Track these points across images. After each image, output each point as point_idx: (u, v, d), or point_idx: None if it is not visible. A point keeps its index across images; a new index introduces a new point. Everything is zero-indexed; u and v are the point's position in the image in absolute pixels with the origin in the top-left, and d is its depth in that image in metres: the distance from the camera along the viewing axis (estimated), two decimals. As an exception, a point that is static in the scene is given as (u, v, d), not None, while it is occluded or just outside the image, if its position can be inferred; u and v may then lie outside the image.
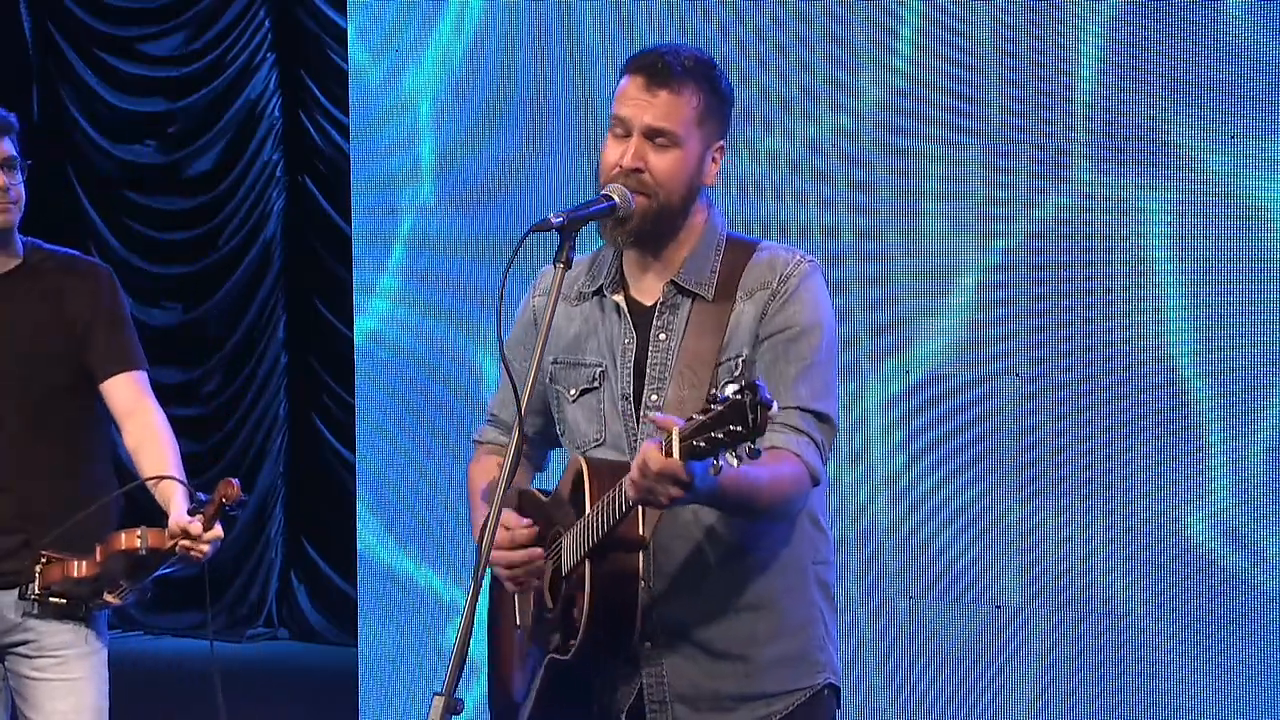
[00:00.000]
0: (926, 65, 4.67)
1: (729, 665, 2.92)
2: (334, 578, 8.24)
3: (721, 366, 2.86)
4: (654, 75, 2.86)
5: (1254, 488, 4.37)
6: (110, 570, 3.64)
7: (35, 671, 3.79)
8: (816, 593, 2.99)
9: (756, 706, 2.94)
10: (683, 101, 2.86)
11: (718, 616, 2.90)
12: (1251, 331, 4.35)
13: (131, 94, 8.57)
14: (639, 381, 2.93)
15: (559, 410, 3.05)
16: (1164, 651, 4.46)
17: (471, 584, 2.63)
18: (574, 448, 3.02)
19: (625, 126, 2.88)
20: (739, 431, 2.46)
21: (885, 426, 4.74)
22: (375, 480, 5.79)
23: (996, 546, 4.64)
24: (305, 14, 8.20)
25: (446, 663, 2.60)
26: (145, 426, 3.78)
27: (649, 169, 2.86)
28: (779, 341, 2.87)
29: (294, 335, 8.48)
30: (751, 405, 2.44)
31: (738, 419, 2.46)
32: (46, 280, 3.83)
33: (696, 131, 2.88)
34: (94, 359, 3.81)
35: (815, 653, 2.98)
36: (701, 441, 2.49)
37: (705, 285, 2.92)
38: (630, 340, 2.95)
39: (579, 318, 3.02)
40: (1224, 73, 4.32)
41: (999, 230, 4.61)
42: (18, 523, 3.75)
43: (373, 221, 5.77)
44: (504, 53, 5.41)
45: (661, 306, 2.94)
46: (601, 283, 2.99)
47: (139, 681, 6.53)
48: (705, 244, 2.94)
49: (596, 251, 3.07)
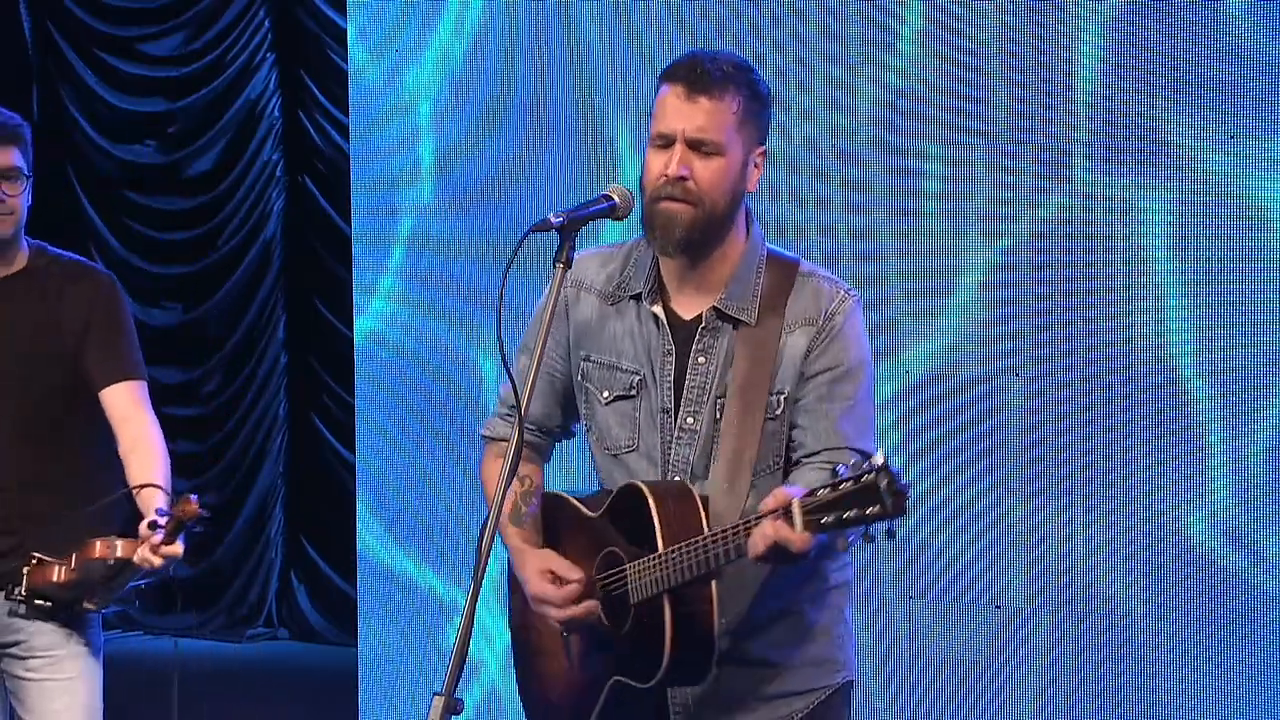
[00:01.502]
0: (927, 65, 4.66)
1: (754, 671, 2.96)
2: (334, 578, 8.24)
3: (773, 396, 2.89)
4: (694, 83, 2.86)
5: (1254, 488, 4.36)
6: (88, 577, 3.64)
7: (28, 672, 3.80)
8: (836, 595, 3.03)
9: (778, 706, 2.98)
10: (724, 108, 2.86)
11: (745, 628, 2.93)
12: (1251, 331, 4.35)
13: (131, 94, 8.57)
14: (677, 399, 2.94)
15: (588, 408, 3.04)
16: (1164, 651, 4.45)
17: (471, 584, 2.63)
18: (603, 449, 3.03)
19: (667, 138, 2.87)
20: (875, 513, 2.53)
21: (885, 426, 4.74)
22: (375, 480, 5.79)
23: (996, 547, 4.64)
24: (305, 14, 8.20)
25: (446, 663, 2.60)
26: (136, 436, 3.78)
27: (694, 177, 2.85)
28: (824, 381, 2.90)
29: (294, 335, 8.48)
30: (889, 489, 2.52)
31: (873, 502, 2.53)
32: (48, 284, 3.83)
33: (738, 137, 2.88)
34: (91, 367, 3.81)
35: (835, 653, 3.02)
36: (828, 518, 2.55)
37: (748, 310, 2.92)
38: (670, 355, 2.95)
39: (614, 316, 3.01)
40: (1224, 73, 4.32)
41: (999, 230, 4.61)
42: (12, 524, 3.75)
43: (373, 222, 5.77)
44: (504, 53, 5.40)
45: (703, 330, 2.94)
46: (640, 289, 2.98)
47: (139, 681, 6.53)
48: (747, 265, 2.94)
49: (631, 246, 3.05)
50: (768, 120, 2.95)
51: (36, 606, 3.72)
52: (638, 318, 2.98)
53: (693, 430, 2.91)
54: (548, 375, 3.08)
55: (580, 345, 3.03)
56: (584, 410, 3.06)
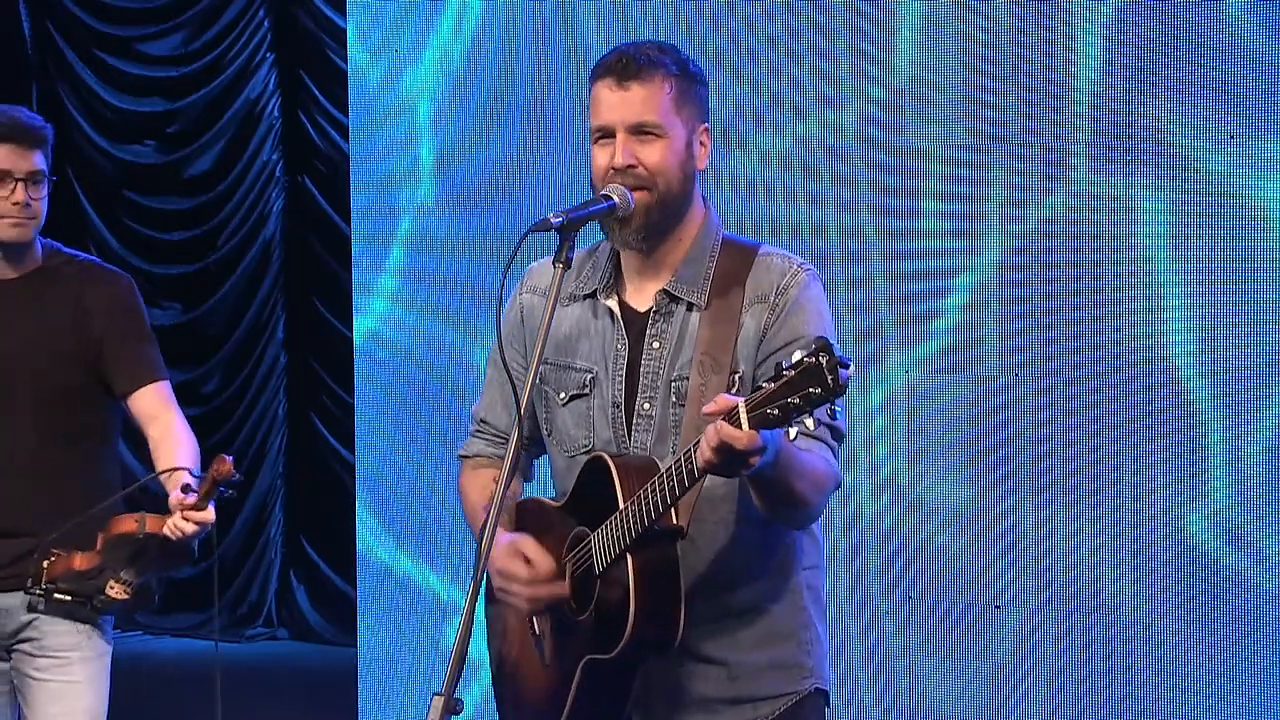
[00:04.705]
0: (927, 64, 4.66)
1: (714, 670, 2.92)
2: (333, 578, 8.25)
3: (732, 375, 2.84)
4: (622, 72, 2.87)
5: (1254, 488, 4.36)
6: (111, 559, 3.66)
7: (36, 671, 3.82)
8: (805, 598, 2.98)
9: (743, 710, 2.93)
10: (656, 90, 2.86)
11: (705, 622, 2.88)
12: (1251, 331, 4.35)
13: (131, 94, 8.57)
14: (631, 388, 2.92)
15: (547, 411, 3.03)
16: (1164, 651, 4.45)
17: (471, 584, 2.62)
18: (562, 452, 3.01)
19: (606, 130, 2.88)
20: (817, 394, 2.45)
21: (883, 426, 4.74)
22: (374, 480, 5.79)
23: (996, 547, 4.63)
24: (305, 14, 8.20)
25: (446, 663, 2.60)
26: (166, 429, 3.83)
27: (641, 163, 2.85)
28: (784, 356, 2.87)
29: (293, 335, 8.48)
30: (829, 366, 2.44)
31: (815, 382, 2.45)
32: (65, 285, 3.84)
33: (677, 118, 2.87)
34: (114, 371, 3.84)
35: (802, 658, 2.97)
36: (774, 410, 2.48)
37: (697, 292, 2.90)
38: (623, 346, 2.94)
39: (570, 319, 3.00)
40: (1224, 73, 4.32)
41: (999, 230, 4.61)
42: (27, 526, 3.76)
43: (372, 222, 5.77)
44: (504, 53, 5.40)
45: (655, 315, 2.93)
46: (596, 285, 2.98)
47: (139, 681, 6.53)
48: (699, 248, 2.93)
49: (590, 249, 3.05)
50: (704, 98, 2.94)
51: (56, 601, 3.73)
52: (593, 313, 2.98)
53: (649, 416, 2.90)
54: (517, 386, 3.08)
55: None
56: (543, 416, 3.04)
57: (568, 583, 2.90)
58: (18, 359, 3.78)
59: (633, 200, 2.85)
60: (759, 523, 2.87)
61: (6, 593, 3.78)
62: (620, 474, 2.81)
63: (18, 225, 3.76)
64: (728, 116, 4.89)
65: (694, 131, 2.91)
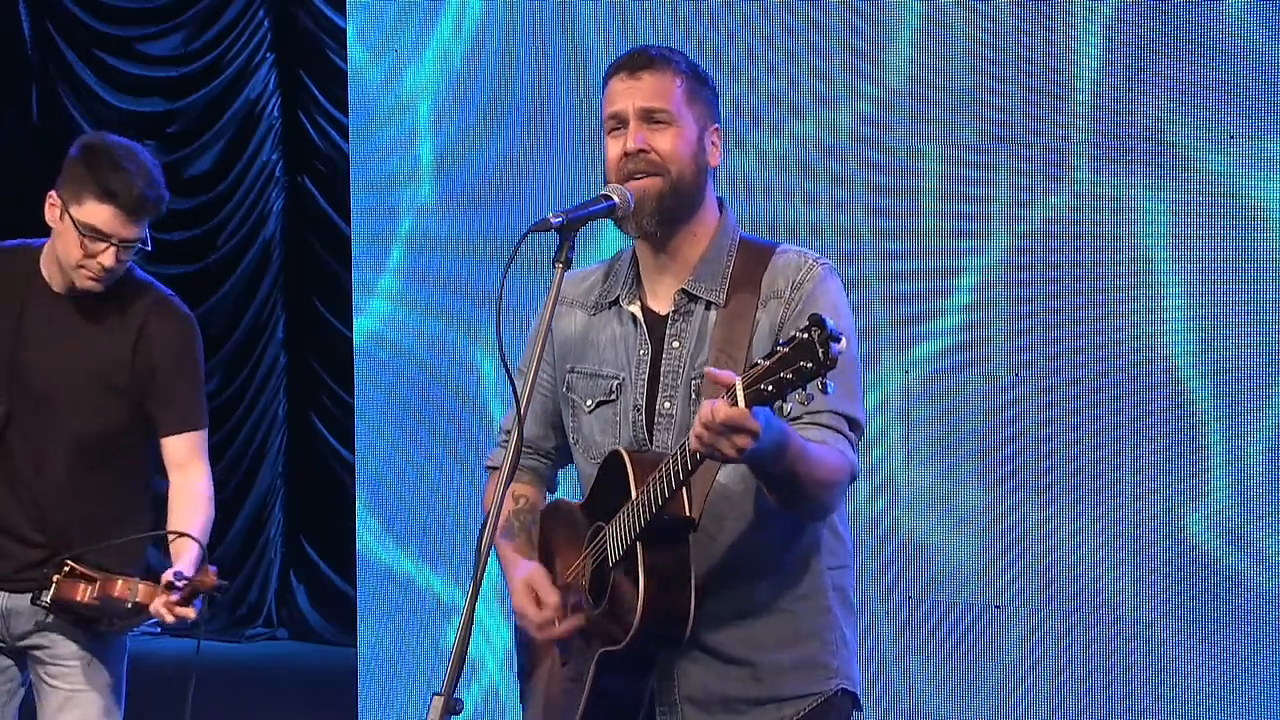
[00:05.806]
0: (927, 65, 4.66)
1: (737, 669, 2.92)
2: (333, 578, 8.25)
3: None
4: (634, 64, 2.92)
5: (1254, 488, 4.36)
6: (107, 609, 3.68)
7: (47, 678, 3.83)
8: (832, 598, 2.97)
9: (768, 710, 2.93)
10: (668, 80, 2.91)
11: (728, 622, 2.89)
12: (1251, 331, 4.35)
13: (131, 94, 8.57)
14: (652, 390, 2.94)
15: (574, 419, 3.05)
16: (1164, 651, 4.45)
17: (470, 584, 2.63)
18: (588, 459, 3.02)
19: (620, 119, 2.91)
20: (808, 368, 2.45)
21: (885, 426, 4.74)
22: (374, 480, 5.79)
23: (997, 546, 4.63)
24: (305, 14, 8.20)
25: (445, 663, 2.60)
26: (187, 485, 3.81)
27: (653, 148, 2.88)
28: None
29: (293, 335, 8.49)
30: (821, 340, 2.44)
31: (806, 356, 2.45)
32: (133, 314, 3.81)
33: (688, 111, 2.91)
34: (158, 409, 3.82)
35: (827, 658, 2.96)
36: (768, 385, 2.48)
37: (716, 290, 2.92)
38: (645, 350, 2.96)
39: (597, 327, 3.03)
40: (1224, 73, 4.31)
41: (999, 230, 4.61)
42: (48, 539, 3.76)
43: (372, 222, 5.77)
44: (504, 53, 5.40)
45: (674, 315, 2.95)
46: (619, 293, 3.01)
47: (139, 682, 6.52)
48: (717, 247, 2.95)
49: (612, 259, 3.08)
50: (714, 102, 2.99)
51: (60, 616, 3.75)
52: (619, 322, 3.00)
53: (669, 415, 2.91)
54: (542, 395, 3.10)
55: (566, 359, 3.05)
56: (570, 424, 3.06)
57: (586, 580, 2.92)
58: (73, 375, 3.76)
59: (632, 200, 2.86)
60: (779, 521, 2.87)
61: (17, 594, 3.78)
62: (634, 466, 2.83)
63: (94, 281, 3.72)
64: (726, 116, 4.89)
65: (705, 129, 2.94)
